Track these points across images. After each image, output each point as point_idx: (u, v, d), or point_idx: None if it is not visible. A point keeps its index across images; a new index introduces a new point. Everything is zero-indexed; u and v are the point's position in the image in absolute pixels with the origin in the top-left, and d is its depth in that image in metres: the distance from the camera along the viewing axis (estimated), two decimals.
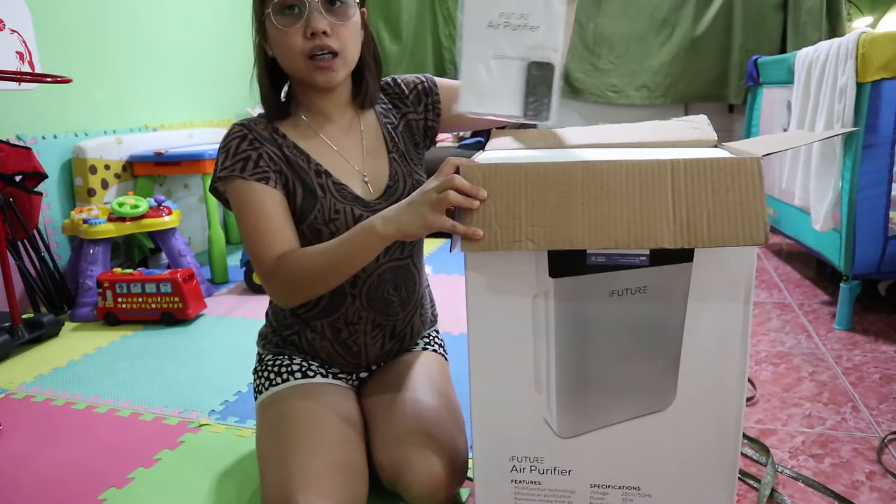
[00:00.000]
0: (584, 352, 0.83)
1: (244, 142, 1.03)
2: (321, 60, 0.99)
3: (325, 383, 1.12)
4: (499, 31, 0.82)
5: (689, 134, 0.94)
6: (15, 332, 1.99)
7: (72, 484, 1.25)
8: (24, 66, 2.34)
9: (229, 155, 1.02)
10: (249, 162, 1.01)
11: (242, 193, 1.01)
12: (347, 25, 1.01)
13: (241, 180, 1.00)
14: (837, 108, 1.78)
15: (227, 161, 1.02)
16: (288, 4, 0.98)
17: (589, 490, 0.89)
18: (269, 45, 1.04)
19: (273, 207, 1.00)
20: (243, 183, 1.00)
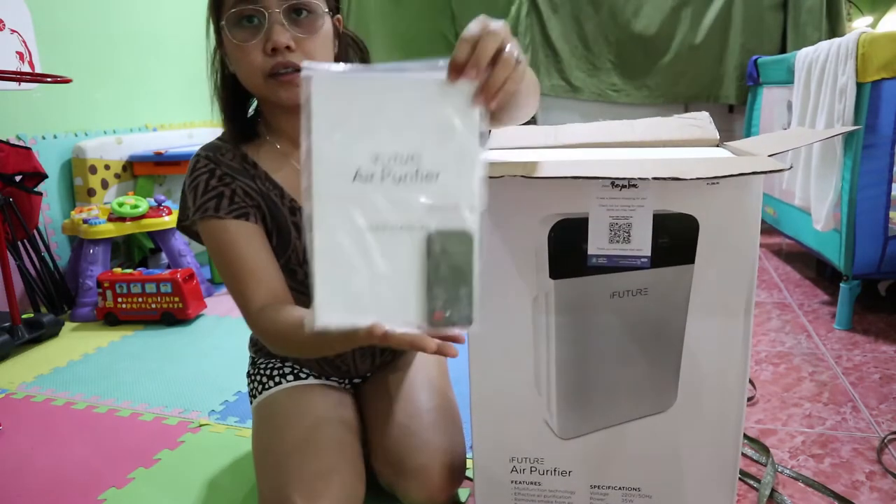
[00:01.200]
0: (585, 353, 0.83)
1: (213, 178, 0.93)
2: (284, 75, 0.87)
3: (319, 384, 1.10)
4: (372, 186, 0.55)
5: (691, 133, 0.93)
6: (15, 332, 1.99)
7: (72, 484, 1.24)
8: (24, 66, 2.33)
9: (198, 194, 0.92)
10: (223, 199, 0.92)
11: (218, 234, 0.91)
12: (315, 38, 0.88)
13: (217, 220, 0.91)
14: (837, 107, 1.78)
15: (198, 200, 0.92)
16: (245, 15, 0.86)
17: (589, 491, 0.89)
18: (228, 59, 0.93)
19: (251, 246, 0.91)
20: (219, 223, 0.91)
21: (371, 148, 0.56)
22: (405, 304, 0.57)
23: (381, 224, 0.56)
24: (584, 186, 0.77)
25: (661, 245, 0.77)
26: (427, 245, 0.56)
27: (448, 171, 0.56)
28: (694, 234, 0.77)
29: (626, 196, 0.76)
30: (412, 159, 0.56)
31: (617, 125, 0.99)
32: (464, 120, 0.56)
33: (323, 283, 0.56)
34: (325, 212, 0.56)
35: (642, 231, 0.77)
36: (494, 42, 0.57)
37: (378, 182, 0.55)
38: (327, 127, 0.55)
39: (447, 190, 0.56)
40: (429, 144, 0.56)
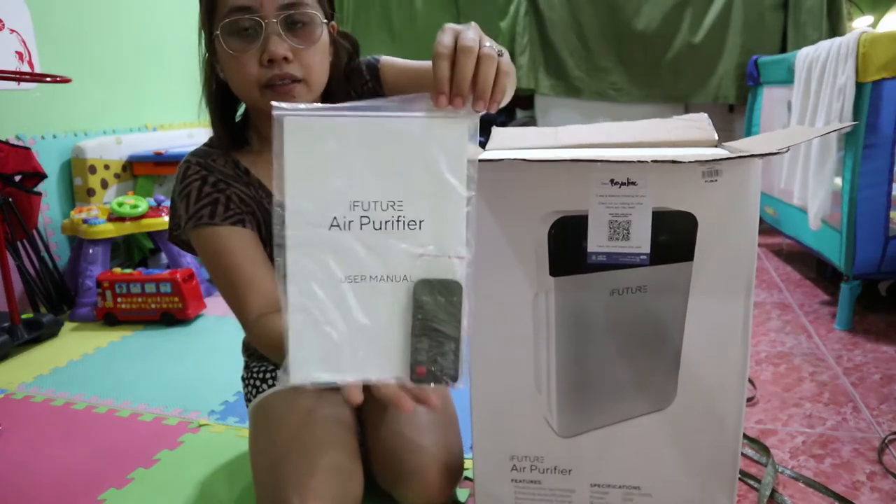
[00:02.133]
0: (585, 351, 0.83)
1: (206, 184, 0.90)
2: (281, 86, 0.85)
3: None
4: (350, 234, 0.53)
5: (690, 133, 0.93)
6: (14, 332, 1.99)
7: (71, 484, 1.24)
8: (23, 65, 2.33)
9: (191, 201, 0.89)
10: (218, 206, 0.89)
11: (213, 242, 0.88)
12: (313, 49, 0.86)
13: (211, 227, 0.88)
14: (837, 107, 1.78)
15: (192, 208, 0.89)
16: (240, 24, 0.83)
17: (589, 489, 0.88)
18: (220, 66, 0.90)
19: (247, 254, 0.88)
20: (214, 230, 0.88)
21: (349, 194, 0.53)
22: (386, 358, 0.54)
23: (360, 274, 0.54)
24: (583, 184, 0.77)
25: (660, 242, 0.77)
26: (411, 296, 0.54)
27: (433, 218, 0.54)
28: (693, 231, 0.77)
29: (626, 193, 0.76)
30: (394, 206, 0.53)
31: (616, 126, 0.99)
32: (450, 162, 0.54)
33: (297, 337, 0.53)
34: (298, 262, 0.53)
35: (641, 228, 0.77)
36: (471, 54, 0.55)
37: (357, 230, 0.53)
38: (302, 173, 0.53)
39: (433, 237, 0.54)
40: (412, 189, 0.54)
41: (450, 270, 0.54)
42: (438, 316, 0.54)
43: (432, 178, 0.54)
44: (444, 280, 0.54)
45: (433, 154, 0.53)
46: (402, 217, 0.54)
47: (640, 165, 0.76)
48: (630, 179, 0.76)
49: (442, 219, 0.54)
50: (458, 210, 0.54)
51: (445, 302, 0.53)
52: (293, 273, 0.53)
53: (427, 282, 0.54)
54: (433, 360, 0.54)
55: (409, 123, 0.53)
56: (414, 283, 0.54)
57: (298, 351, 0.53)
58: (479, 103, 0.56)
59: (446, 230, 0.54)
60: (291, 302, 0.53)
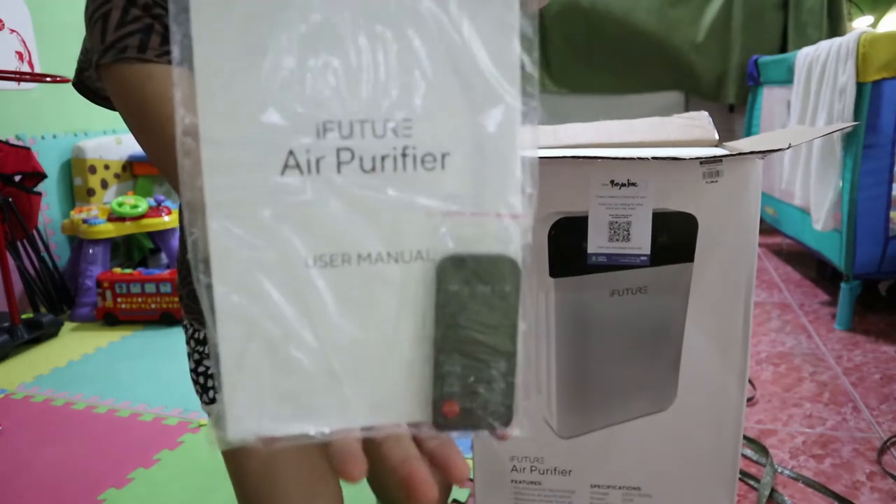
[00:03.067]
0: (585, 352, 0.83)
1: (133, 5, 0.61)
2: None
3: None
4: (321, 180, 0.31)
5: (691, 133, 0.93)
6: (14, 332, 1.99)
7: (71, 484, 1.24)
8: (23, 65, 2.33)
9: (111, 26, 0.61)
10: (153, 35, 0.61)
11: (140, 85, 0.61)
12: None
13: (141, 64, 0.60)
14: (837, 107, 1.78)
15: (111, 35, 0.61)
16: None
17: (589, 490, 0.88)
18: None
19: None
20: (143, 69, 0.60)
21: (316, 107, 0.31)
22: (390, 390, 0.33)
23: (341, 251, 0.32)
24: (583, 185, 0.77)
25: (660, 243, 0.77)
26: (432, 285, 0.33)
27: (466, 148, 0.32)
28: (693, 232, 0.77)
29: (626, 194, 0.76)
30: (397, 127, 0.32)
31: (616, 125, 0.99)
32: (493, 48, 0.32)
33: (233, 366, 0.31)
34: (227, 237, 0.31)
35: (642, 229, 0.77)
36: None
37: (331, 173, 0.31)
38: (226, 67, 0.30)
39: (465, 182, 0.32)
40: (427, 97, 0.32)
41: (497, 239, 0.32)
42: (480, 317, 0.33)
43: (461, 78, 0.32)
44: (489, 256, 0.32)
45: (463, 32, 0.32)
46: (412, 147, 0.32)
47: (641, 166, 0.76)
48: (630, 180, 0.76)
49: (481, 150, 0.32)
50: (509, 132, 0.32)
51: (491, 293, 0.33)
52: (220, 257, 0.31)
53: (458, 260, 0.32)
54: (471, 390, 0.33)
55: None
56: (436, 264, 0.32)
57: (237, 389, 0.32)
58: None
59: (488, 170, 0.32)
60: (220, 307, 0.31)
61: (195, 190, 0.31)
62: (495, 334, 0.33)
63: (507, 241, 0.33)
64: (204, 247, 0.31)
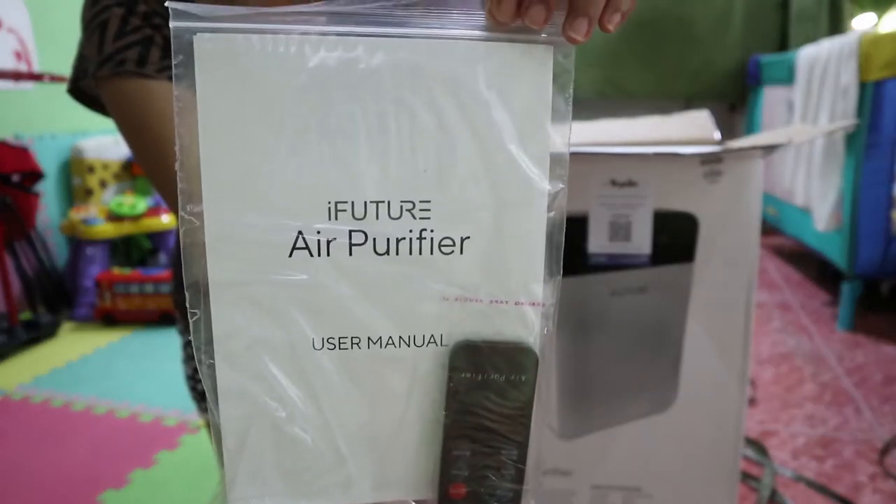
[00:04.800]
0: (586, 352, 0.82)
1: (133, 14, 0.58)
2: None
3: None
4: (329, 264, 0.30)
5: (692, 132, 0.93)
6: (13, 332, 1.99)
7: (70, 485, 1.24)
8: (21, 65, 2.33)
9: (109, 36, 0.58)
10: (153, 48, 0.58)
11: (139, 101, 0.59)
12: None
13: (139, 80, 0.58)
14: (840, 107, 1.78)
15: (108, 46, 0.58)
16: None
17: (590, 491, 0.88)
18: None
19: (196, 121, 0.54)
20: (141, 84, 0.58)
21: (327, 187, 0.29)
22: (395, 471, 0.33)
23: (350, 334, 0.31)
24: (584, 185, 0.76)
25: (660, 243, 0.77)
26: (443, 371, 0.32)
27: (487, 232, 0.31)
28: (693, 232, 0.76)
29: (626, 194, 0.75)
30: (413, 209, 0.30)
31: (617, 124, 0.99)
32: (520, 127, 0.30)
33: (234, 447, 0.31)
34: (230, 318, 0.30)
35: (642, 229, 0.76)
36: None
37: (342, 255, 0.30)
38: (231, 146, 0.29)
39: (484, 268, 0.31)
40: (447, 178, 0.30)
41: (516, 327, 0.32)
42: (492, 405, 0.32)
43: (485, 157, 0.30)
44: (506, 344, 0.32)
45: (488, 111, 0.30)
46: (430, 231, 0.30)
47: (642, 165, 0.76)
48: (631, 180, 0.75)
49: (503, 235, 0.31)
50: (535, 217, 0.31)
51: (505, 382, 0.32)
52: (223, 339, 0.30)
53: (473, 346, 0.31)
54: (480, 475, 0.33)
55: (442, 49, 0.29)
56: (450, 350, 0.32)
57: (239, 470, 0.32)
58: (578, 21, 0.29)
59: (510, 256, 0.31)
60: (223, 388, 0.31)
61: (199, 269, 0.30)
62: (507, 423, 0.33)
63: (526, 330, 0.32)
64: (207, 327, 0.30)
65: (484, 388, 0.32)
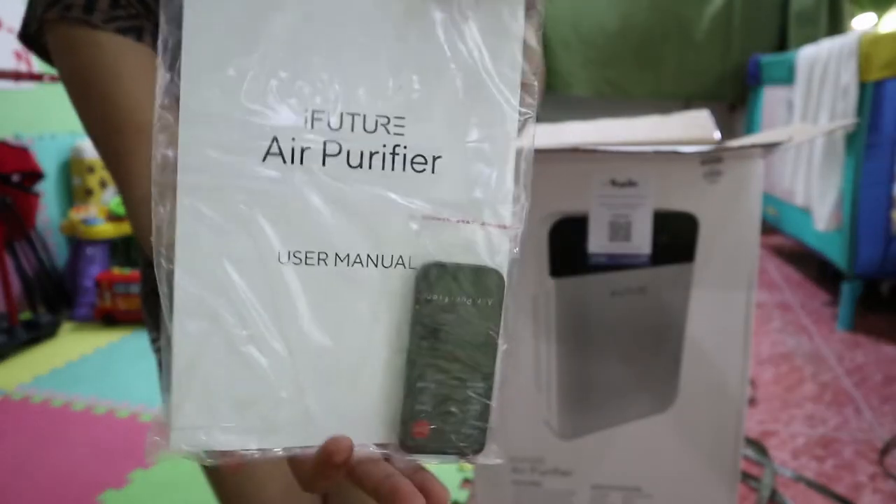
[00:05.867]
0: (586, 352, 0.82)
1: None
2: None
3: None
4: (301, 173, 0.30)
5: (692, 131, 0.93)
6: (13, 332, 1.99)
7: (70, 485, 1.24)
8: (21, 65, 2.33)
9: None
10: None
11: (85, 53, 0.55)
12: None
13: (87, 30, 0.54)
14: (840, 107, 1.78)
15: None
16: None
17: (590, 491, 0.88)
18: None
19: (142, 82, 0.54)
20: (88, 35, 0.54)
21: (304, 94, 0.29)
22: (358, 407, 0.31)
23: (317, 249, 0.30)
24: (584, 184, 0.76)
25: (660, 243, 0.77)
26: (409, 293, 0.31)
27: (458, 151, 0.31)
28: (693, 232, 0.76)
29: (626, 194, 0.75)
30: (388, 124, 0.30)
31: (616, 124, 0.99)
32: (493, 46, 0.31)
33: (187, 365, 0.29)
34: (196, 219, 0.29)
35: (642, 229, 0.76)
36: None
37: (315, 165, 0.30)
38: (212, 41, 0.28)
39: (454, 187, 0.31)
40: (422, 95, 0.31)
41: (483, 249, 0.31)
42: (459, 330, 0.31)
43: (459, 79, 0.31)
44: (473, 267, 0.31)
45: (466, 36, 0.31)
46: (403, 147, 0.30)
47: (642, 165, 0.76)
48: (631, 180, 0.75)
49: (474, 156, 0.31)
50: (504, 139, 0.31)
51: (472, 306, 0.31)
52: (186, 241, 0.29)
53: (440, 268, 0.31)
54: (444, 410, 0.31)
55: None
56: (417, 272, 0.31)
57: (188, 393, 0.29)
58: None
59: (480, 177, 0.31)
60: (180, 296, 0.29)
61: (167, 167, 0.28)
62: (474, 350, 0.32)
63: (493, 252, 0.32)
64: (170, 229, 0.28)
65: (450, 311, 0.31)
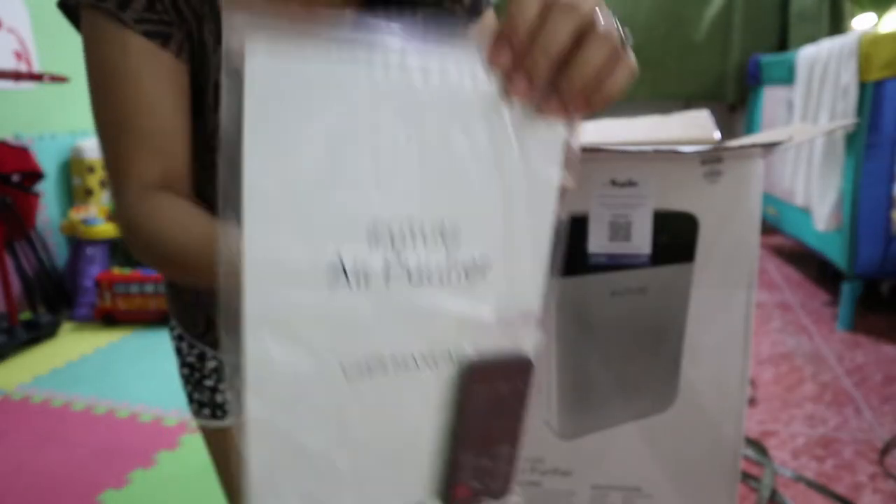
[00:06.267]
0: (586, 352, 0.82)
1: None
2: None
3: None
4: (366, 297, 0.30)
5: (692, 131, 0.93)
6: (13, 332, 1.99)
7: (70, 485, 1.24)
8: (21, 65, 2.33)
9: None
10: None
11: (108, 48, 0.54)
12: None
13: (115, 25, 0.53)
14: (840, 107, 1.78)
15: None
16: None
17: (590, 491, 0.88)
18: None
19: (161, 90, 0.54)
20: (116, 31, 0.53)
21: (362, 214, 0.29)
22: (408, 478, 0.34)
23: (377, 359, 0.31)
24: (584, 184, 0.76)
25: (660, 243, 0.77)
26: (458, 384, 0.33)
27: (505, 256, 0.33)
28: (693, 232, 0.76)
29: (626, 194, 0.75)
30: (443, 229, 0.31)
31: (616, 123, 0.99)
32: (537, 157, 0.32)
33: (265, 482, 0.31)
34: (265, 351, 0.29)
35: (642, 229, 0.76)
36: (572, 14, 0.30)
37: (378, 283, 0.30)
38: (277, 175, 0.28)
39: (500, 290, 0.33)
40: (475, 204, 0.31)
41: (516, 341, 0.34)
42: (493, 412, 0.34)
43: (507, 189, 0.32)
44: (508, 357, 0.33)
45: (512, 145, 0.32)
46: (457, 257, 0.31)
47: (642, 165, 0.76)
48: (631, 180, 0.75)
49: (516, 257, 0.33)
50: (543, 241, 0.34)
51: (507, 389, 0.34)
52: (254, 369, 0.29)
53: (480, 361, 0.33)
54: (481, 474, 0.35)
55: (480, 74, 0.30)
56: (461, 365, 0.33)
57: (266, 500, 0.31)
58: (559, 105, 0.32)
59: (520, 278, 0.33)
60: (251, 418, 0.29)
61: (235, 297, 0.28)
62: (505, 424, 0.36)
63: (525, 342, 0.34)
64: (239, 356, 0.29)
65: (488, 397, 0.34)
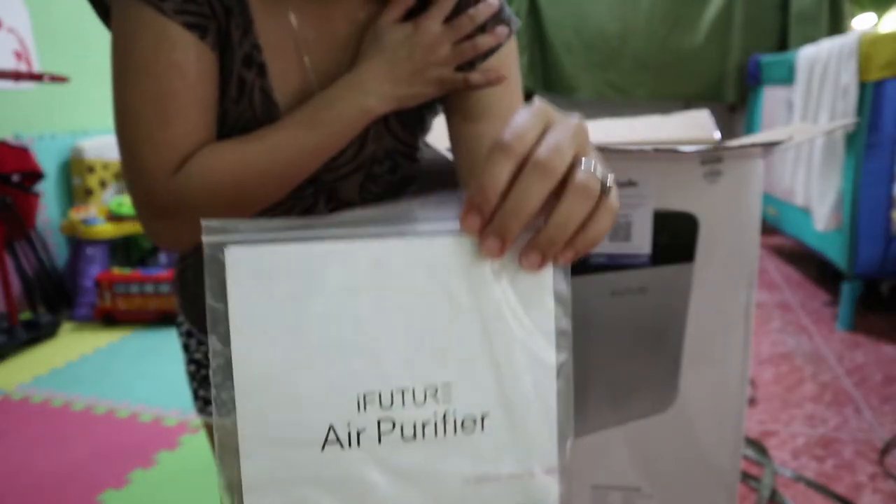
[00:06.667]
0: (586, 352, 0.82)
1: None
2: None
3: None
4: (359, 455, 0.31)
5: (692, 131, 0.93)
6: (13, 332, 1.99)
7: (70, 485, 1.24)
8: (21, 65, 2.33)
9: None
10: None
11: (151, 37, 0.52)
12: None
13: (154, 13, 0.51)
14: (840, 107, 1.78)
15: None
16: None
17: (590, 491, 0.88)
18: None
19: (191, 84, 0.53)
20: (154, 18, 0.51)
21: (356, 379, 0.31)
22: None
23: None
24: None
25: (660, 244, 0.77)
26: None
27: (504, 406, 0.32)
28: (693, 232, 0.76)
29: (627, 194, 0.75)
30: (437, 393, 0.31)
31: (617, 124, 0.99)
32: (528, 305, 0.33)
33: None
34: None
35: (643, 229, 0.76)
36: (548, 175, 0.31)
37: (372, 445, 0.31)
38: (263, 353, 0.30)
39: (504, 442, 0.32)
40: (466, 359, 0.32)
41: (534, 496, 0.33)
42: None
43: (496, 338, 0.32)
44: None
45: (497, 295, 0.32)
46: (452, 411, 0.32)
47: (642, 165, 0.76)
48: (631, 180, 0.75)
49: (518, 408, 0.33)
50: (546, 387, 0.33)
51: None
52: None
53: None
54: None
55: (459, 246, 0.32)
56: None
57: None
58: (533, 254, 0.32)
59: (525, 427, 0.33)
60: None
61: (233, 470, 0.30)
62: None
63: (543, 498, 0.33)
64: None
65: None
